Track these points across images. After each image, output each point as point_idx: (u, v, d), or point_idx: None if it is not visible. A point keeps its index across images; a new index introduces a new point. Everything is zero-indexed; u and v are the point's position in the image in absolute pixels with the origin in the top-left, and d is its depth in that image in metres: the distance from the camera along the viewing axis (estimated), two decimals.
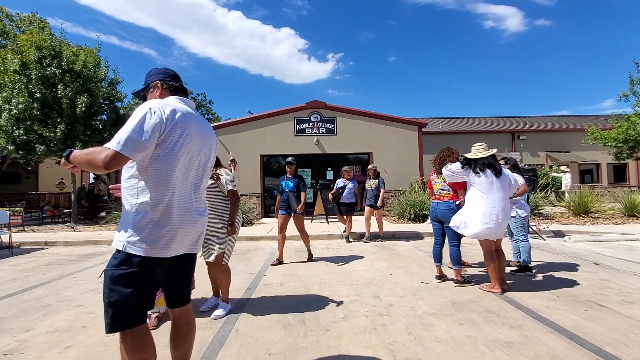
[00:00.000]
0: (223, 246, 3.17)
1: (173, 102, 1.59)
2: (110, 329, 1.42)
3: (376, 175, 7.26)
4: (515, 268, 4.45)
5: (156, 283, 1.55)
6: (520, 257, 4.58)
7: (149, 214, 1.46)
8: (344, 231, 7.46)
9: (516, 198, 4.36)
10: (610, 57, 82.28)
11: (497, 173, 3.59)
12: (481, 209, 3.52)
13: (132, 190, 1.49)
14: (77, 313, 3.24)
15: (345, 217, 7.18)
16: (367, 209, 7.22)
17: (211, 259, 3.16)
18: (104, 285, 1.44)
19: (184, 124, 1.53)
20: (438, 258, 4.08)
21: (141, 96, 1.82)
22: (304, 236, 5.39)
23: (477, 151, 3.71)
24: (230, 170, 4.61)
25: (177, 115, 1.51)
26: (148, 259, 1.45)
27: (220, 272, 3.24)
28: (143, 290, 1.47)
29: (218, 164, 3.36)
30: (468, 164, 3.69)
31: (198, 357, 2.33)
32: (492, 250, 3.64)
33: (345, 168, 7.25)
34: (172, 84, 1.74)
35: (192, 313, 1.77)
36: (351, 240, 7.19)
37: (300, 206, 5.04)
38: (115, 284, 1.41)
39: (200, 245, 1.73)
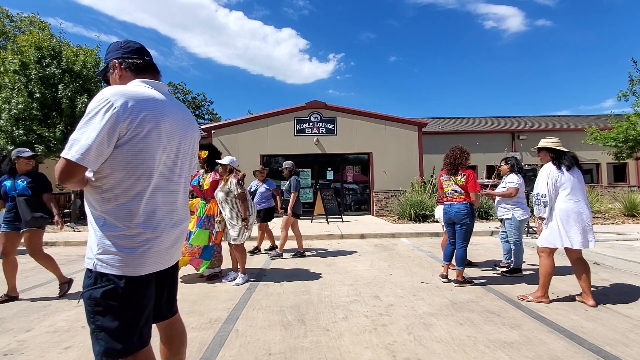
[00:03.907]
0: (241, 235, 4.10)
1: (137, 89, 1.28)
2: (100, 356, 1.20)
3: (290, 174, 5.79)
4: (506, 269, 4.45)
5: (147, 300, 1.32)
6: (509, 258, 4.59)
7: (115, 224, 1.22)
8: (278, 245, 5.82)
9: (515, 199, 4.38)
10: (611, 57, 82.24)
11: (582, 171, 3.26)
12: (580, 213, 3.12)
13: (96, 195, 1.23)
14: (77, 313, 3.24)
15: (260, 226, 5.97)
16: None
17: (233, 241, 4.10)
18: (85, 310, 1.23)
19: (156, 118, 1.25)
20: (448, 257, 4.01)
21: (105, 79, 1.49)
22: None
23: (555, 145, 3.26)
24: (243, 175, 4.65)
25: (144, 108, 1.22)
26: (126, 277, 1.23)
27: (238, 252, 4.16)
28: (132, 312, 1.25)
29: (231, 171, 4.14)
30: (559, 158, 3.21)
31: (198, 357, 2.32)
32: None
33: (258, 168, 6.22)
34: (134, 62, 1.39)
35: (182, 323, 1.61)
36: (256, 252, 6.01)
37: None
38: (96, 306, 1.21)
39: (179, 255, 1.50)
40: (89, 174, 1.23)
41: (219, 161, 4.19)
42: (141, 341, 1.28)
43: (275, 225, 8.05)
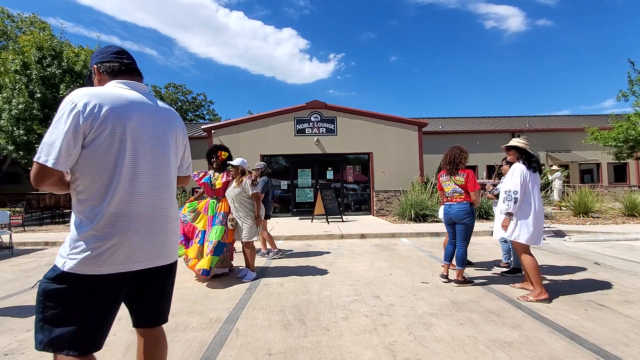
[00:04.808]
0: (253, 233, 4.31)
1: (106, 88, 1.31)
2: (41, 346, 1.20)
3: (260, 176, 5.71)
4: (505, 269, 4.45)
5: (108, 303, 1.28)
6: (509, 258, 4.59)
7: (87, 224, 1.23)
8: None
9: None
10: (611, 57, 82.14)
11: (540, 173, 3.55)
12: (541, 213, 3.38)
13: (73, 197, 1.27)
14: None
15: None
16: None
17: (244, 238, 4.29)
18: (37, 299, 1.24)
19: (120, 115, 1.25)
20: (449, 257, 4.00)
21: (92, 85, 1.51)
22: None
23: (525, 146, 3.53)
24: (256, 177, 4.71)
25: (107, 106, 1.22)
26: (90, 277, 1.22)
27: (248, 249, 4.36)
28: (87, 313, 1.23)
29: (244, 172, 4.35)
30: (527, 159, 3.45)
31: (198, 357, 2.33)
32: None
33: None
34: (110, 65, 1.42)
35: (161, 330, 1.54)
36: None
37: None
38: (50, 300, 1.21)
39: (172, 254, 1.47)
40: (68, 177, 1.26)
41: (230, 162, 4.36)
42: (89, 345, 1.25)
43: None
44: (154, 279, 1.43)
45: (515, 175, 3.39)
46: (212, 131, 12.39)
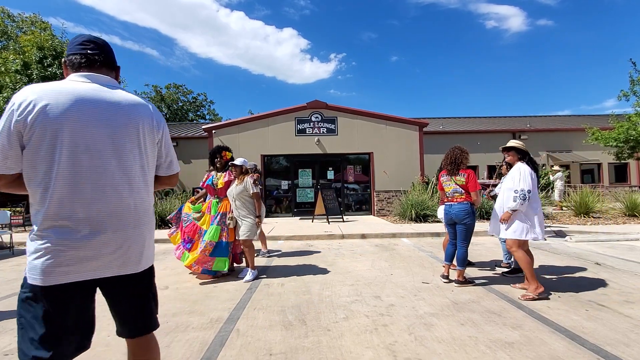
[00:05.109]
0: (252, 231, 4.28)
1: (54, 85, 1.20)
2: (19, 355, 1.23)
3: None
4: (506, 269, 4.45)
5: (59, 315, 1.20)
6: (509, 258, 4.59)
7: (34, 228, 1.18)
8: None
9: None
10: (612, 57, 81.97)
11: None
12: (540, 210, 3.55)
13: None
14: None
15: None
16: None
17: (243, 236, 4.27)
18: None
19: (56, 112, 1.15)
20: (449, 258, 4.01)
21: None
22: None
23: (523, 147, 3.75)
24: (257, 177, 4.78)
25: (42, 103, 1.13)
26: (38, 285, 1.17)
27: (246, 247, 4.33)
28: (40, 323, 1.19)
29: (246, 172, 4.40)
30: (531, 159, 3.69)
31: (199, 357, 2.33)
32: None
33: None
34: (72, 59, 1.33)
35: (149, 337, 1.42)
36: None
37: None
38: (21, 308, 1.23)
39: (135, 264, 1.31)
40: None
41: (232, 162, 4.44)
42: (52, 354, 1.19)
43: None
44: (118, 289, 1.31)
45: (526, 175, 3.50)
46: (213, 131, 12.40)
